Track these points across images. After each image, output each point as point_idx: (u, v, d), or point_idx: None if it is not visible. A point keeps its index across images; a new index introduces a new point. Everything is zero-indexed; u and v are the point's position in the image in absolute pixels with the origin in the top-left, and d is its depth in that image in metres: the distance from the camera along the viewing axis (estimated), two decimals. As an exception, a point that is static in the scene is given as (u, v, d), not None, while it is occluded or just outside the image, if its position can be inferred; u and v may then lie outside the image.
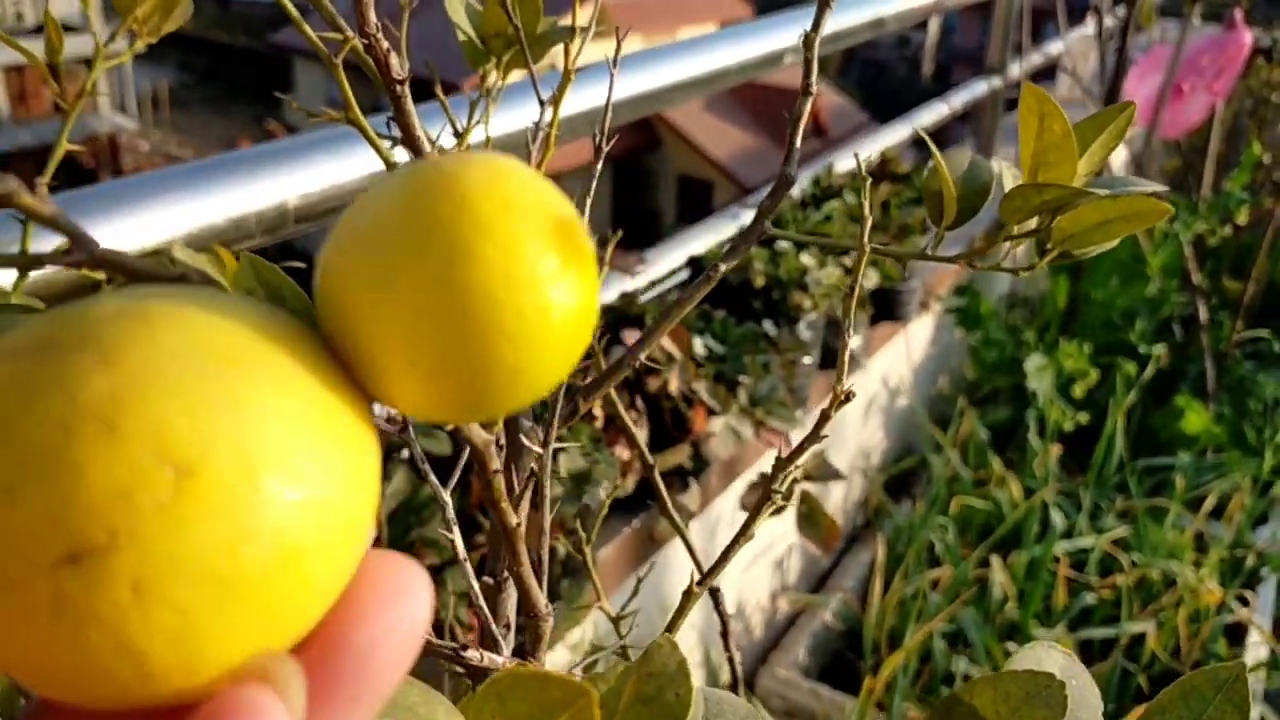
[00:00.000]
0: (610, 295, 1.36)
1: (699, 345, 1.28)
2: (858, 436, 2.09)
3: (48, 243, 0.70)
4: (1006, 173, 0.50)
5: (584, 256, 0.22)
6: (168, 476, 0.18)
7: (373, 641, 0.20)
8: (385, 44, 0.43)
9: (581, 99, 1.17)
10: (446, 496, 0.47)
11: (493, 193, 0.21)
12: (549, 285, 0.21)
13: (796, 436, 1.47)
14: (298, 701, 0.19)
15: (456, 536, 0.47)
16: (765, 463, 1.45)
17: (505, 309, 0.20)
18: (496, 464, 0.33)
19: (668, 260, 1.63)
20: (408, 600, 0.21)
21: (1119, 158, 2.86)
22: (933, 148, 0.50)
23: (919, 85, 18.68)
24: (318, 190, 0.95)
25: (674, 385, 1.17)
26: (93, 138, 16.17)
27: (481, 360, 0.21)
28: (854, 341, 1.72)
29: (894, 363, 2.16)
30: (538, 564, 0.49)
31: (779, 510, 1.21)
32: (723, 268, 0.50)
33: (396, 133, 0.53)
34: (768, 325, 1.44)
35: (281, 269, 0.55)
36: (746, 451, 1.45)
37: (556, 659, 1.14)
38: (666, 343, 1.18)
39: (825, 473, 1.27)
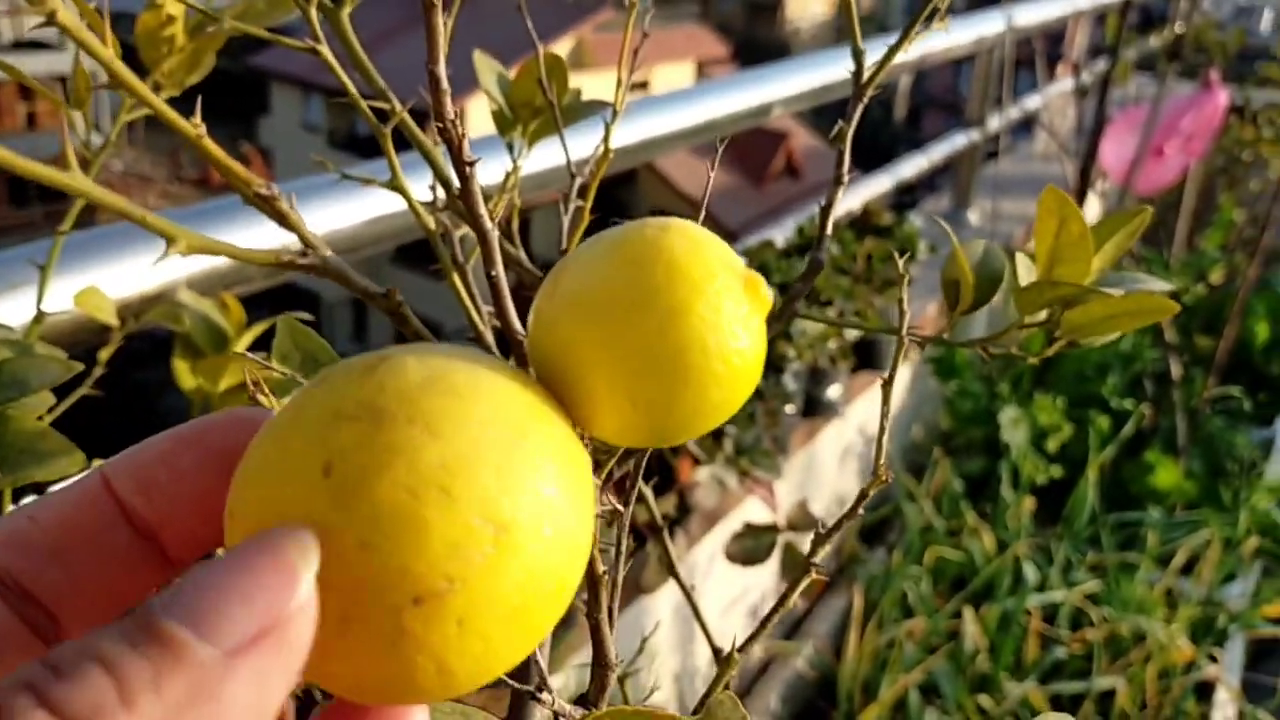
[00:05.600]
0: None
1: (688, 395, 1.29)
2: (834, 484, 2.10)
3: (58, 292, 0.71)
4: (1021, 264, 0.51)
5: (764, 307, 0.26)
6: (489, 533, 0.22)
7: None
8: (462, 130, 0.45)
9: (560, 153, 1.18)
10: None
11: (696, 258, 0.25)
12: (743, 333, 0.25)
13: (779, 486, 1.48)
14: None
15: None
16: (747, 511, 1.47)
17: (713, 355, 0.25)
18: (596, 508, 0.34)
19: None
20: None
21: (1092, 213, 2.91)
22: (953, 237, 0.51)
23: (891, 128, 18.86)
24: (319, 235, 0.95)
25: (664, 436, 1.18)
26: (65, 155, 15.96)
27: (692, 397, 0.25)
28: (833, 391, 1.74)
29: (871, 411, 2.18)
30: (610, 616, 0.50)
31: (759, 561, 1.22)
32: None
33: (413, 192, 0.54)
34: (754, 375, 1.45)
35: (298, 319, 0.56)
36: (728, 499, 1.46)
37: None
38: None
39: (807, 523, 1.28)
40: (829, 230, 0.49)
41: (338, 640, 0.22)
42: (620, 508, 0.43)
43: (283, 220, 0.23)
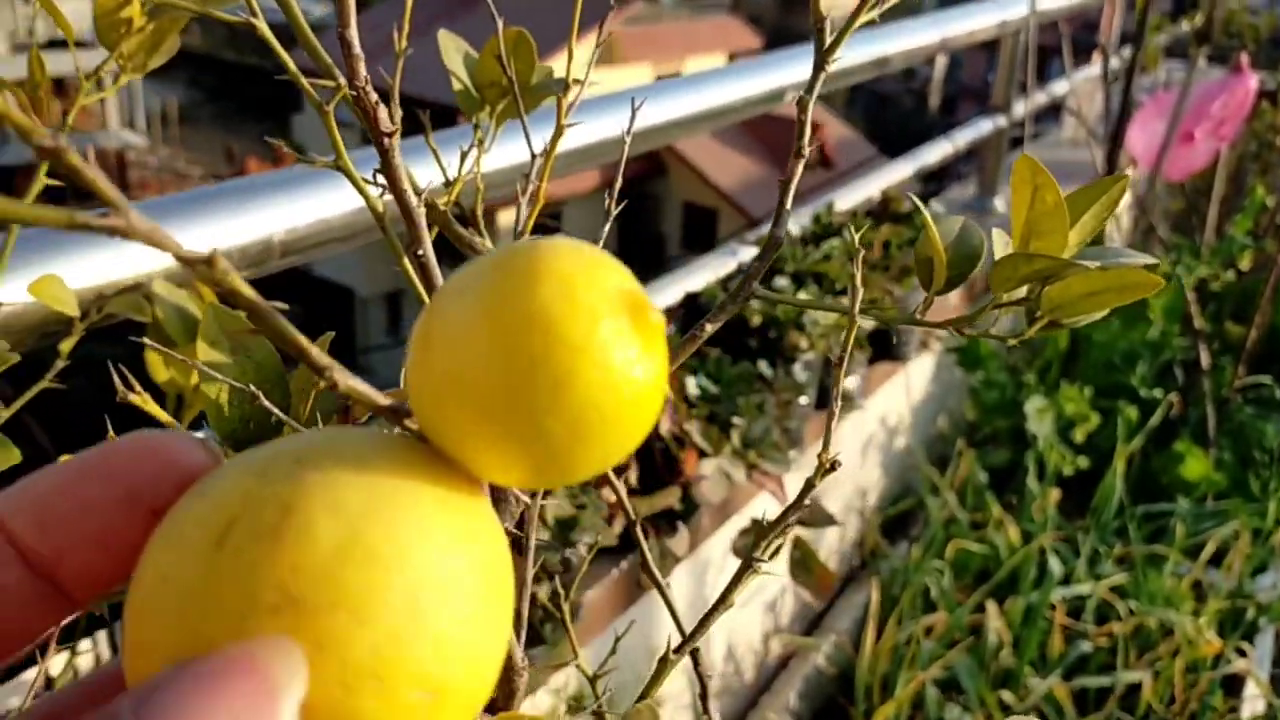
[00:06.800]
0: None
1: (692, 385, 1.26)
2: (854, 477, 2.07)
3: (18, 278, 0.69)
4: (998, 239, 0.48)
5: (656, 332, 0.24)
6: (425, 700, 0.22)
7: None
8: (374, 97, 0.42)
9: (585, 132, 1.16)
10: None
11: (574, 313, 0.23)
12: (635, 372, 0.23)
13: (790, 479, 1.45)
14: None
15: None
16: (758, 506, 1.44)
17: (609, 410, 0.23)
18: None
19: (664, 296, 1.61)
20: None
21: (1122, 201, 2.85)
22: (926, 215, 0.48)
23: (925, 118, 18.71)
24: (304, 225, 0.94)
25: (664, 426, 1.15)
26: (100, 153, 16.24)
27: (594, 451, 0.24)
28: (851, 381, 1.71)
29: (893, 402, 2.14)
30: (517, 616, 0.48)
31: (775, 554, 1.20)
32: (709, 328, 0.49)
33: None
34: (763, 365, 1.43)
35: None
36: (738, 494, 1.43)
37: (539, 703, 1.12)
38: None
39: (819, 519, 1.25)
40: (788, 205, 0.46)
41: None
42: (525, 498, 0.41)
43: (76, 174, 0.20)
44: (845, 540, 2.12)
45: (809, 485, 0.44)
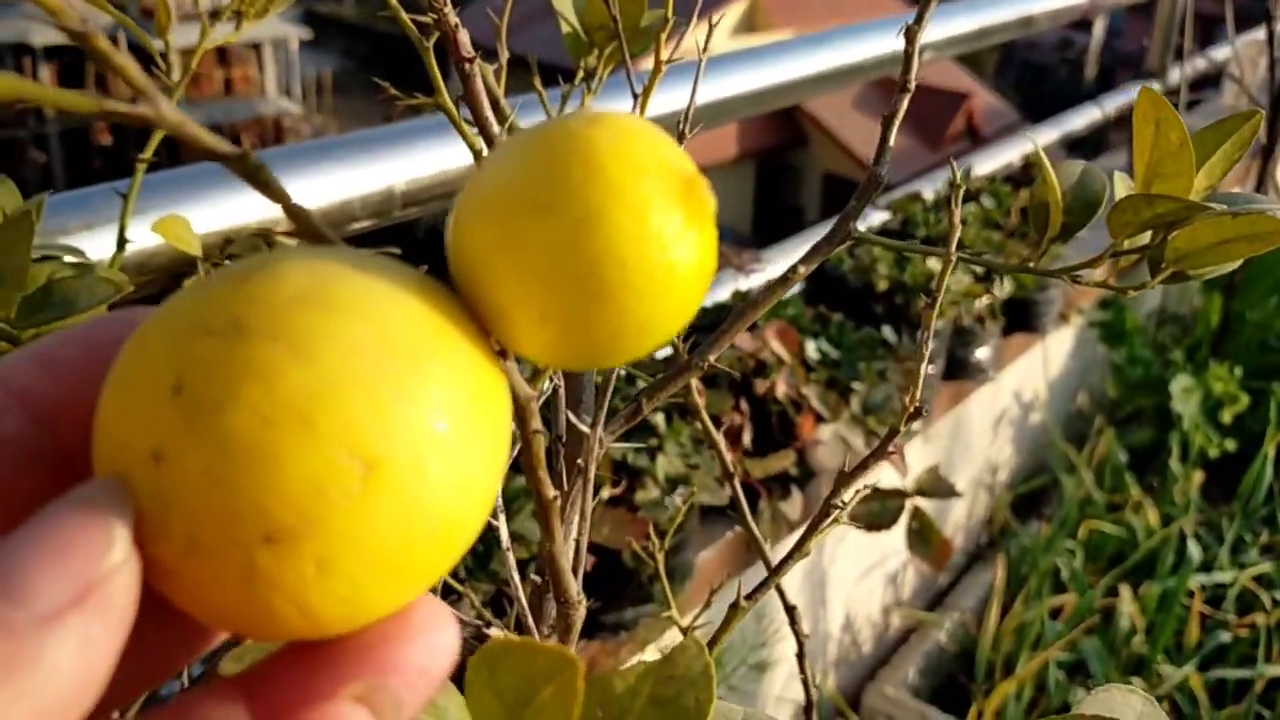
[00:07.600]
0: (722, 294, 1.33)
1: (812, 349, 1.24)
2: (985, 451, 2.01)
3: (146, 222, 0.71)
4: (1119, 183, 0.45)
5: (705, 213, 0.23)
6: (356, 471, 0.19)
7: (417, 662, 0.23)
8: (454, 21, 0.42)
9: (703, 90, 1.15)
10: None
11: (621, 154, 0.22)
12: (674, 244, 0.22)
13: (913, 449, 1.42)
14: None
15: (502, 524, 0.46)
16: (876, 474, 1.41)
17: (633, 269, 0.21)
18: (538, 423, 0.31)
19: (788, 260, 1.58)
20: (441, 632, 0.23)
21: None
22: (1042, 155, 0.46)
23: (1081, 89, 18.05)
24: (427, 175, 0.94)
25: (780, 389, 1.13)
26: (258, 119, 16.85)
27: (611, 315, 0.22)
28: (982, 352, 1.66)
29: (1028, 376, 2.07)
30: (578, 550, 0.47)
31: (885, 526, 1.16)
32: (801, 270, 0.47)
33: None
34: (887, 331, 1.39)
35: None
36: (855, 461, 1.40)
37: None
38: (775, 345, 1.15)
39: (940, 490, 1.21)
40: (890, 141, 0.44)
41: (190, 568, 0.20)
42: (585, 429, 0.40)
43: (105, 59, 0.20)
44: (973, 516, 2.07)
45: (892, 431, 0.42)
